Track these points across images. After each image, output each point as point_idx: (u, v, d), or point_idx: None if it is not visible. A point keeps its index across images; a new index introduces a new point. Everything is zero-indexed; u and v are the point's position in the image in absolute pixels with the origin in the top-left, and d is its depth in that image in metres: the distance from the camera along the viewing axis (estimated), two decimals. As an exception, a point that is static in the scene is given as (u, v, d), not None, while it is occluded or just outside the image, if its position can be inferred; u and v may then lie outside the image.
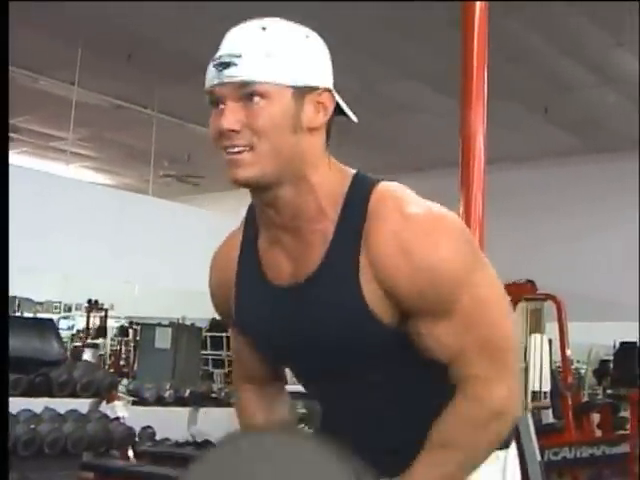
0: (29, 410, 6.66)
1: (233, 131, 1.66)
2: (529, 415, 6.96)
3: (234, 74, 1.66)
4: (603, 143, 13.33)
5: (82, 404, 7.20)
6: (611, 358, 13.03)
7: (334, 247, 1.73)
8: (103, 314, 17.38)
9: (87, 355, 14.43)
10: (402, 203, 1.70)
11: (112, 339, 18.70)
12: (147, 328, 14.92)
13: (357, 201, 1.73)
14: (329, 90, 1.78)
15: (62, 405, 6.95)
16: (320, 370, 1.86)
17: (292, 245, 1.78)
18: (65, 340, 15.09)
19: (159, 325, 14.56)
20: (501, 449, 1.92)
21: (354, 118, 1.83)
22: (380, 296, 1.69)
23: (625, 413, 9.51)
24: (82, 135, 13.91)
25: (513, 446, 2.00)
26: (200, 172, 15.75)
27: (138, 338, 15.97)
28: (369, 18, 9.39)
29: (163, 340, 13.71)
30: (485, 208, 4.74)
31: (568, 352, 8.85)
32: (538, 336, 8.72)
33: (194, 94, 12.73)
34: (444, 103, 10.45)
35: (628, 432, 8.75)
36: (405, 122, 12.96)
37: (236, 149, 1.67)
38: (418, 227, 1.66)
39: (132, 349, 16.77)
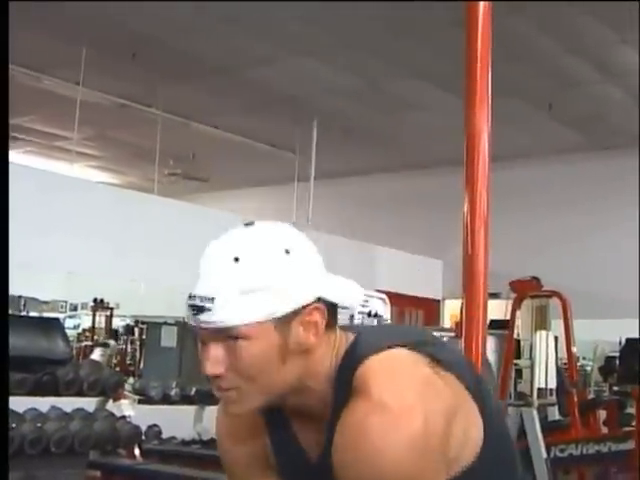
0: (35, 409, 6.68)
1: (218, 375, 1.61)
2: (535, 412, 6.97)
3: (209, 320, 1.58)
4: (608, 140, 13.32)
5: (89, 403, 7.22)
6: (617, 355, 13.01)
7: (329, 433, 1.65)
8: (109, 313, 17.39)
9: (95, 354, 14.44)
10: (376, 390, 1.58)
11: (118, 338, 18.72)
12: (153, 327, 14.91)
13: (343, 385, 1.64)
14: (318, 301, 1.64)
15: (68, 404, 6.97)
16: None
17: (310, 421, 1.75)
18: (71, 339, 15.10)
19: (165, 324, 14.55)
20: None
21: (354, 305, 1.71)
22: None
23: (632, 409, 9.49)
24: (87, 134, 13.92)
25: None
26: (205, 170, 15.79)
27: (144, 337, 15.97)
28: (372, 17, 9.40)
29: (169, 339, 13.69)
30: (490, 206, 4.74)
31: (573, 349, 8.84)
32: (544, 333, 8.73)
33: (198, 93, 12.78)
34: (448, 101, 10.47)
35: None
36: (409, 120, 12.95)
37: (225, 387, 1.63)
38: (377, 426, 1.54)
39: (138, 348, 16.77)
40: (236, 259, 1.60)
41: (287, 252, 1.63)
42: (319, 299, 1.64)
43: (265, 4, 9.00)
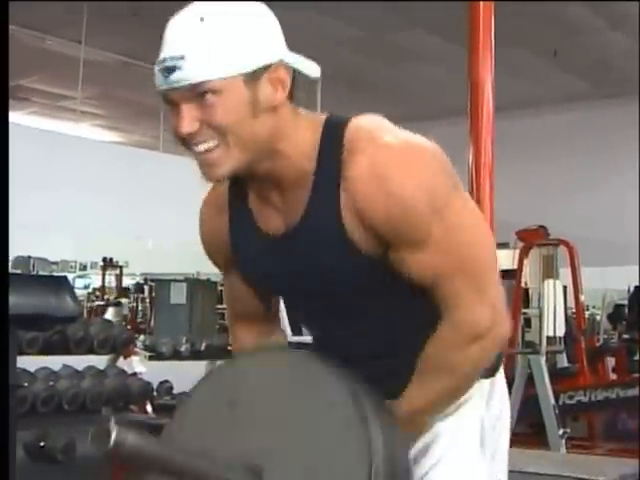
0: (47, 368, 6.73)
1: (193, 133, 1.66)
2: (543, 359, 7.00)
3: (180, 78, 1.63)
4: (615, 87, 13.24)
5: (99, 360, 7.27)
6: (626, 302, 13.02)
7: (316, 190, 1.75)
8: (118, 271, 17.45)
9: (108, 314, 14.52)
10: (376, 134, 1.70)
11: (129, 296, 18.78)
12: (162, 284, 14.97)
13: (331, 143, 1.73)
14: (283, 62, 1.71)
15: (80, 362, 7.02)
16: (313, 300, 1.91)
17: (279, 199, 1.81)
18: (81, 299, 15.17)
19: (174, 281, 14.61)
20: (486, 377, 1.97)
21: (315, 74, 1.79)
22: (361, 229, 1.72)
23: (640, 356, 9.56)
24: (91, 93, 13.88)
25: (500, 374, 2.04)
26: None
27: (154, 294, 16.04)
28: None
29: (178, 295, 13.75)
30: (495, 155, 4.75)
31: (581, 297, 8.87)
32: (551, 281, 8.74)
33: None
34: (453, 51, 10.40)
35: (643, 374, 8.77)
36: (414, 71, 12.90)
37: (202, 148, 1.67)
38: (393, 155, 1.67)
39: (148, 305, 16.85)
40: (201, 19, 1.66)
41: (250, 13, 1.71)
42: (282, 62, 1.72)
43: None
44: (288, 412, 1.68)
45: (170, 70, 1.63)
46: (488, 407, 1.98)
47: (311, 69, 1.78)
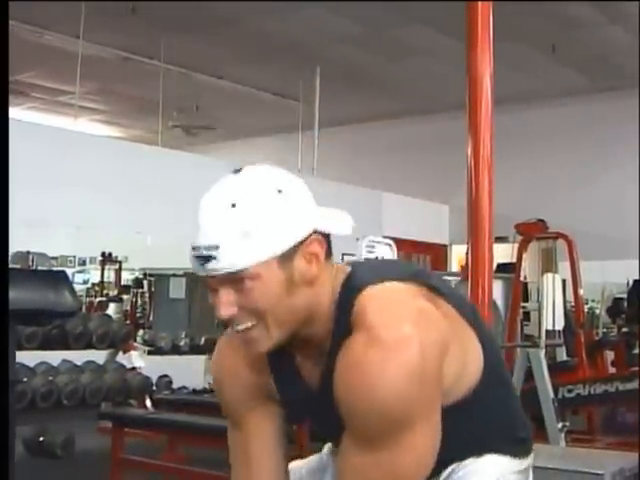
0: (46, 362, 6.74)
1: (232, 316, 1.70)
2: (542, 353, 7.00)
3: (216, 267, 1.65)
4: (614, 81, 13.23)
5: (99, 355, 7.28)
6: (625, 296, 13.03)
7: (329, 361, 1.76)
8: (117, 266, 17.43)
9: (111, 310, 14.53)
10: (374, 322, 1.66)
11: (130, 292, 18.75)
12: (161, 279, 14.98)
13: (343, 315, 1.73)
14: (315, 233, 1.72)
15: (79, 357, 7.02)
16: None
17: (312, 352, 1.85)
18: (81, 294, 15.14)
19: (173, 275, 14.61)
20: (519, 457, 1.99)
21: (347, 231, 1.78)
22: None
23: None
24: (89, 88, 13.87)
25: (530, 460, 2.05)
26: (209, 121, 15.74)
27: (153, 289, 16.04)
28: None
29: (177, 290, 13.76)
30: (493, 149, 4.74)
31: (580, 290, 8.87)
32: (550, 275, 8.74)
33: (200, 43, 12.65)
34: (452, 46, 10.40)
35: (642, 368, 8.78)
36: (413, 66, 12.88)
37: (242, 327, 1.71)
38: (375, 359, 1.62)
39: (147, 300, 16.85)
40: (233, 205, 1.66)
41: (280, 191, 1.70)
42: (315, 231, 1.72)
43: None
44: None
45: (206, 259, 1.66)
46: None
47: (343, 227, 1.78)
